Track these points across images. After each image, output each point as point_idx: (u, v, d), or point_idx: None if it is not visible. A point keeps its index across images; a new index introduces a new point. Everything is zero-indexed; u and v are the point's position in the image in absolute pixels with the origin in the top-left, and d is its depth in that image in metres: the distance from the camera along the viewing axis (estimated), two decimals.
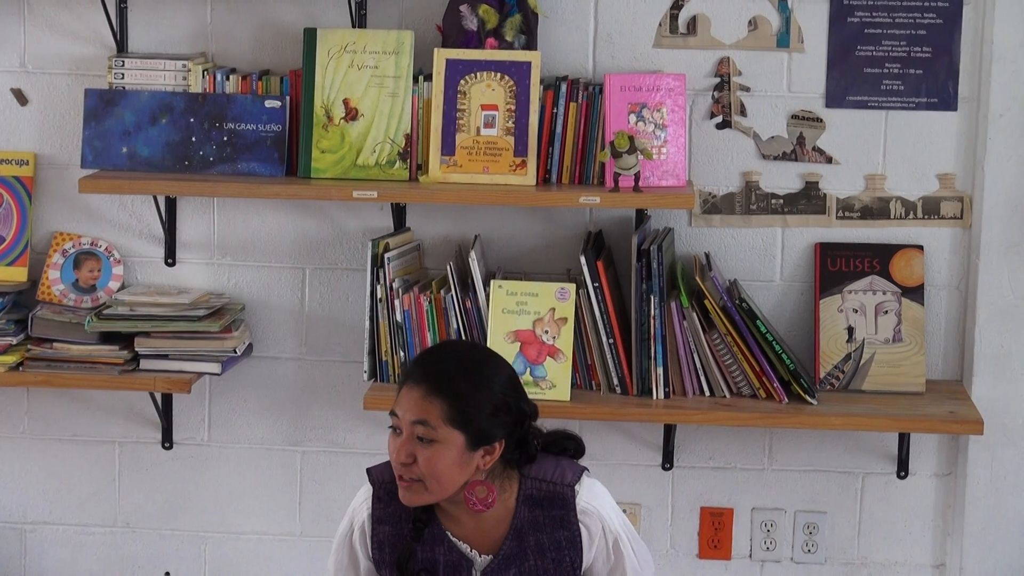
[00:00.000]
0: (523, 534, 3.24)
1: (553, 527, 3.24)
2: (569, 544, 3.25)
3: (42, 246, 4.53)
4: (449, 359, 3.23)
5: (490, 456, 3.18)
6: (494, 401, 3.16)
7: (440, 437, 3.13)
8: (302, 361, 4.56)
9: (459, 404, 3.13)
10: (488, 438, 3.16)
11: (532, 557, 3.24)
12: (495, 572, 3.24)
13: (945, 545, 4.53)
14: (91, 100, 4.36)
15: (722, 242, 4.45)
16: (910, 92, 4.35)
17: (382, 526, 3.28)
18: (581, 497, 3.25)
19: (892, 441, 4.45)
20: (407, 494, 3.19)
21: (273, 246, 4.53)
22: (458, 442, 3.14)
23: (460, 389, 3.14)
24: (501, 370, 3.23)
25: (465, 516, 3.24)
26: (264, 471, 4.63)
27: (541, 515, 3.24)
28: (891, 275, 4.38)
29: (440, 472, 3.14)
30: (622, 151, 4.17)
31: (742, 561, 4.57)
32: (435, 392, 3.13)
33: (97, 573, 4.70)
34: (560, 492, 3.24)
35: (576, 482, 3.25)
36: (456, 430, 3.13)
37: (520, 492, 3.25)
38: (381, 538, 3.28)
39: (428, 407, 3.13)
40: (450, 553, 3.25)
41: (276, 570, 4.64)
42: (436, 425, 3.13)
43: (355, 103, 4.31)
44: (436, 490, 3.17)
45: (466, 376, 3.17)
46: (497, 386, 3.18)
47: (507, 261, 4.45)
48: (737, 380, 4.25)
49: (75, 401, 4.61)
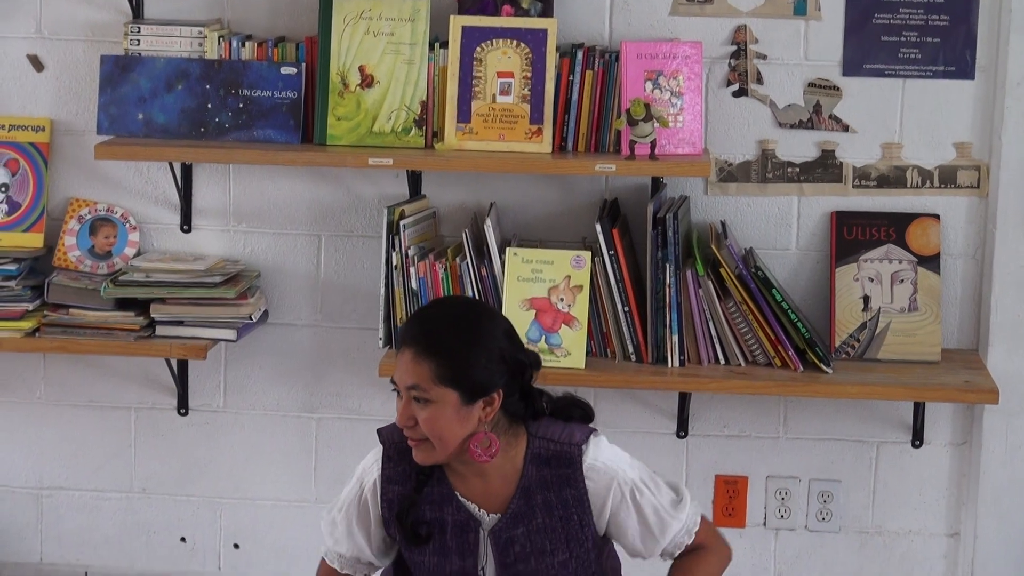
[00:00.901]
0: (531, 492, 3.25)
1: (560, 485, 3.25)
2: (576, 502, 3.25)
3: (58, 212, 4.54)
4: (436, 318, 3.24)
5: (490, 407, 3.19)
6: (486, 353, 3.17)
7: (434, 397, 3.15)
8: (317, 328, 4.57)
9: (447, 362, 3.15)
10: (484, 389, 3.17)
11: (540, 515, 3.25)
12: (503, 531, 3.25)
13: (959, 514, 4.53)
14: (107, 66, 4.36)
15: (738, 210, 4.45)
16: (927, 60, 4.34)
17: (392, 485, 3.29)
18: (588, 455, 3.25)
19: (907, 410, 4.45)
20: (419, 454, 3.21)
21: (289, 213, 4.53)
22: (452, 399, 3.16)
23: (447, 347, 3.16)
24: (492, 323, 3.23)
25: (473, 475, 3.26)
26: (279, 437, 4.64)
27: (549, 473, 3.25)
28: (907, 244, 4.37)
29: (440, 430, 3.16)
30: (638, 119, 4.16)
31: (756, 529, 4.58)
32: (422, 354, 3.15)
33: (113, 538, 4.72)
34: (567, 451, 3.25)
35: (584, 441, 3.26)
36: (448, 388, 3.15)
37: (528, 451, 3.26)
38: (391, 497, 3.29)
39: (417, 370, 3.15)
40: (458, 513, 3.26)
41: (291, 536, 4.66)
42: (428, 387, 3.15)
43: (371, 70, 4.30)
44: (441, 448, 3.18)
45: (454, 333, 3.18)
46: (487, 338, 3.19)
47: (522, 229, 4.45)
48: (752, 348, 4.25)
49: (91, 367, 4.62)
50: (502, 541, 3.25)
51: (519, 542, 3.25)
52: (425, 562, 3.29)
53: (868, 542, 4.56)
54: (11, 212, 4.50)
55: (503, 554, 3.26)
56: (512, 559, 3.25)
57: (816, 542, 4.57)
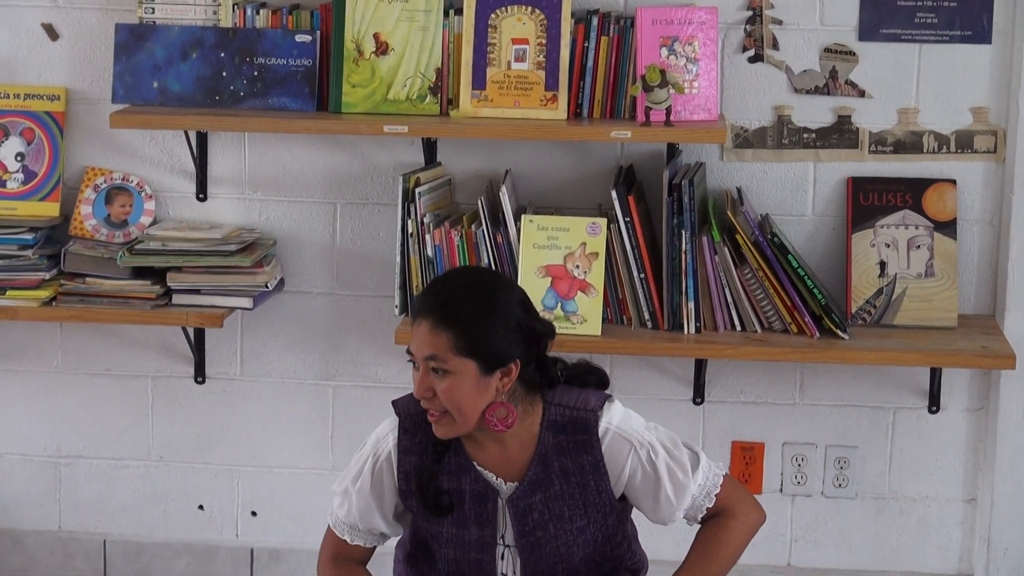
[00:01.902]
0: (548, 459, 3.25)
1: (577, 451, 3.25)
2: (593, 468, 3.26)
3: (74, 181, 4.54)
4: (453, 288, 3.23)
5: (508, 378, 3.19)
6: (503, 324, 3.17)
7: (453, 367, 3.15)
8: (333, 296, 4.57)
9: (466, 333, 3.14)
10: (502, 359, 3.17)
11: (557, 482, 3.26)
12: (521, 498, 3.26)
13: (976, 480, 4.53)
14: (121, 35, 4.36)
15: (754, 177, 4.44)
16: (944, 25, 4.32)
17: (408, 456, 3.29)
18: (603, 420, 3.26)
19: (924, 376, 4.45)
20: (439, 428, 3.21)
21: (304, 181, 4.53)
22: (471, 370, 3.15)
23: (465, 317, 3.15)
24: (508, 294, 3.23)
25: (491, 444, 3.26)
26: (296, 405, 4.65)
27: (565, 440, 3.25)
28: (924, 209, 4.36)
29: (460, 401, 3.16)
30: (653, 85, 4.15)
31: (773, 495, 4.58)
32: (440, 324, 3.15)
33: (131, 506, 4.73)
34: (583, 417, 3.25)
35: (599, 407, 3.26)
36: (467, 358, 3.15)
37: (544, 418, 3.26)
38: (407, 468, 3.29)
39: (435, 340, 3.15)
40: (476, 483, 3.26)
41: (308, 503, 4.67)
42: (446, 357, 3.14)
43: (386, 37, 4.30)
44: (461, 419, 3.18)
45: (471, 303, 3.17)
46: (504, 308, 3.19)
47: (538, 196, 4.45)
48: (768, 315, 4.25)
49: (108, 336, 4.63)
50: (520, 509, 3.26)
51: (537, 509, 3.26)
52: (443, 533, 3.29)
53: (884, 508, 4.57)
54: (27, 181, 4.50)
55: (522, 522, 3.26)
56: (531, 526, 3.26)
57: (832, 508, 4.58)
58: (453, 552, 3.30)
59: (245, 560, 4.72)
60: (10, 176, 4.50)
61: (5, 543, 4.76)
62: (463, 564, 3.30)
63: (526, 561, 3.29)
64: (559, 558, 3.29)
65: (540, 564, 3.28)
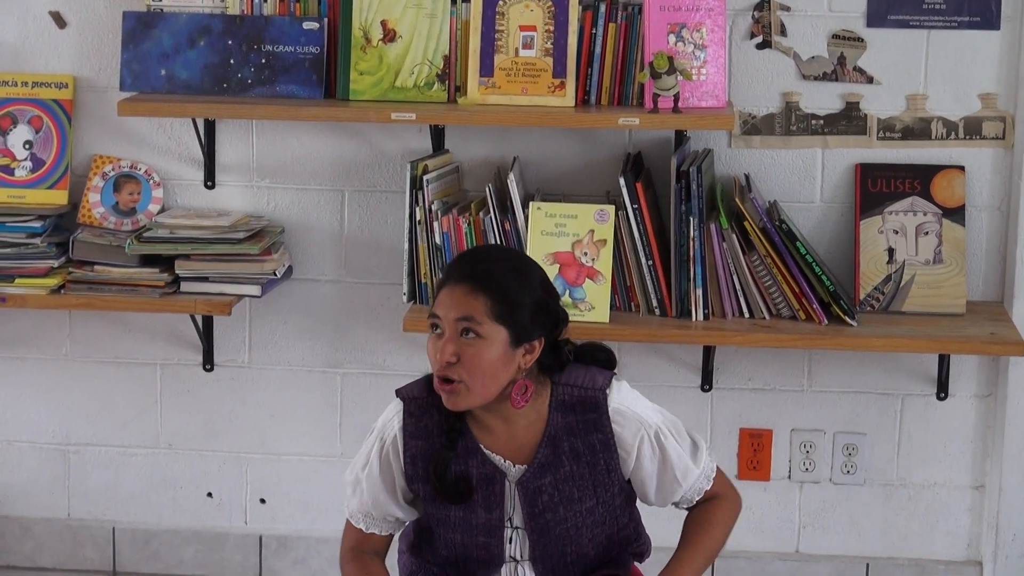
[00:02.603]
0: (557, 440, 3.25)
1: (587, 431, 3.25)
2: (603, 447, 3.26)
3: (82, 169, 4.55)
4: (488, 258, 3.24)
5: (530, 356, 3.19)
6: (535, 298, 3.18)
7: (486, 332, 3.14)
8: (341, 283, 4.58)
9: (504, 299, 3.14)
10: (528, 335, 3.17)
11: (567, 463, 3.25)
12: (531, 480, 3.25)
13: (984, 466, 4.53)
14: (129, 22, 4.36)
15: (762, 163, 4.44)
16: (952, 11, 4.31)
17: (414, 440, 3.29)
18: (612, 399, 3.26)
19: (932, 362, 4.45)
20: (451, 398, 3.18)
21: (312, 168, 4.53)
22: (502, 337, 3.14)
23: (504, 284, 3.15)
24: (538, 271, 3.25)
25: (498, 426, 3.25)
26: (304, 393, 4.65)
27: (574, 420, 3.25)
28: (932, 196, 4.36)
29: (484, 369, 3.14)
30: (661, 72, 4.15)
31: (781, 482, 4.58)
32: (480, 288, 3.14)
33: (139, 494, 4.74)
34: (592, 396, 3.26)
35: (607, 386, 3.26)
36: (501, 325, 3.14)
37: (552, 399, 3.26)
38: (414, 452, 3.29)
39: (473, 302, 3.13)
40: (483, 466, 3.26)
41: (317, 491, 4.68)
42: (482, 320, 3.13)
43: (393, 24, 4.30)
44: (478, 390, 3.16)
45: (508, 273, 3.18)
46: (537, 283, 3.21)
47: (546, 183, 4.45)
48: (776, 301, 4.25)
49: (116, 324, 4.64)
50: (530, 491, 3.26)
51: (547, 491, 3.26)
52: (450, 517, 3.29)
53: (893, 495, 4.57)
54: (35, 169, 4.51)
55: (531, 504, 3.26)
56: (540, 508, 3.26)
57: (841, 495, 4.58)
58: (460, 536, 3.29)
59: (254, 547, 4.73)
60: (18, 164, 4.51)
61: (14, 531, 4.77)
62: (470, 548, 3.30)
63: (535, 544, 3.29)
64: (568, 540, 3.29)
65: (549, 547, 3.29)
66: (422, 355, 4.51)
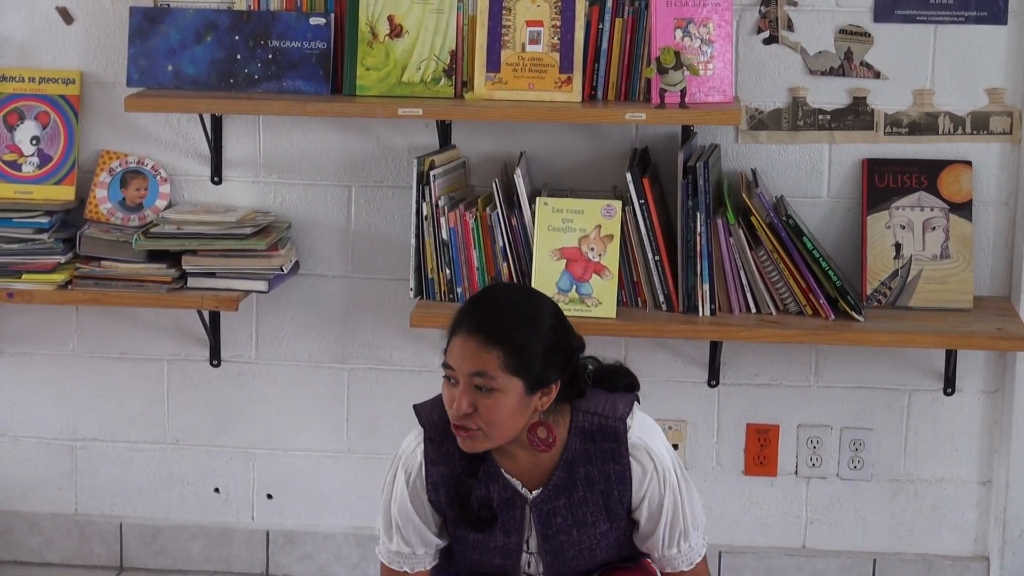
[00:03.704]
0: (574, 465, 3.24)
1: (604, 460, 3.25)
2: (619, 478, 3.25)
3: (89, 165, 4.55)
4: (499, 306, 3.20)
5: (547, 397, 3.18)
6: (547, 343, 3.16)
7: (499, 386, 3.12)
8: (348, 279, 4.58)
9: (515, 351, 3.12)
10: (544, 381, 3.16)
11: (581, 488, 3.25)
12: (545, 502, 3.25)
13: (992, 462, 4.53)
14: (136, 18, 4.37)
15: (769, 158, 4.43)
16: (959, 6, 4.31)
17: (436, 467, 3.28)
18: (633, 432, 3.25)
19: (939, 358, 4.44)
20: (468, 442, 3.18)
21: (319, 164, 4.53)
22: (517, 389, 3.14)
23: (515, 336, 3.13)
24: (548, 310, 3.22)
25: (519, 452, 3.25)
26: (311, 388, 4.65)
27: (593, 448, 3.25)
28: (939, 191, 4.35)
29: (501, 420, 3.14)
30: (668, 67, 4.15)
31: (788, 478, 4.58)
32: (491, 342, 3.12)
33: (147, 489, 4.74)
34: (612, 426, 3.25)
35: (628, 415, 3.25)
36: (515, 377, 3.13)
37: (572, 425, 3.25)
38: (435, 479, 3.28)
39: (486, 357, 3.12)
40: (504, 490, 3.26)
41: (324, 486, 4.68)
42: (495, 375, 3.12)
43: (400, 20, 4.30)
44: (496, 436, 3.17)
45: (519, 323, 3.15)
46: (548, 327, 3.18)
47: (553, 178, 4.45)
48: (783, 297, 4.25)
49: (124, 319, 4.64)
50: (544, 512, 3.26)
51: (560, 513, 3.25)
52: (469, 538, 3.29)
53: (900, 490, 4.56)
54: (42, 165, 4.51)
55: (545, 525, 3.26)
56: (554, 530, 3.26)
57: (848, 490, 4.57)
58: (478, 556, 3.30)
59: (261, 543, 4.73)
60: (25, 160, 4.51)
61: (22, 526, 4.77)
62: (486, 568, 3.31)
63: (549, 565, 3.29)
64: (582, 561, 3.29)
65: (563, 568, 3.30)
66: (429, 351, 4.54)
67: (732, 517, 4.58)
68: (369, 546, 4.66)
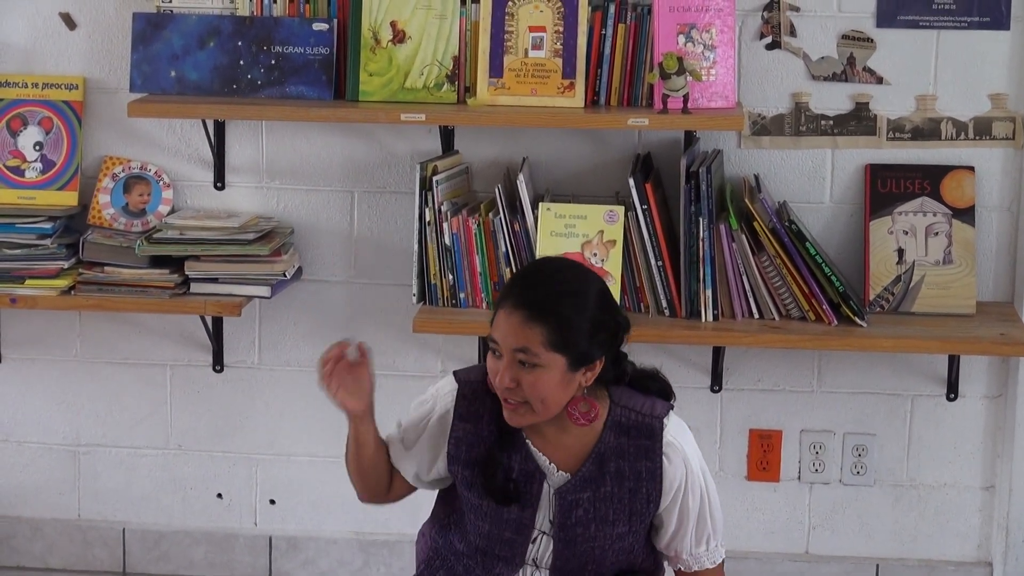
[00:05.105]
0: (605, 459, 3.24)
1: (637, 456, 3.24)
2: (649, 476, 3.24)
3: (92, 170, 4.55)
4: (545, 282, 3.19)
5: (591, 373, 3.18)
6: (592, 321, 3.15)
7: (542, 362, 3.12)
8: (351, 284, 4.58)
9: (559, 328, 3.11)
10: (588, 358, 3.16)
11: (610, 483, 3.24)
12: (570, 492, 3.24)
13: (995, 467, 4.52)
14: (139, 24, 4.37)
15: (771, 164, 4.44)
16: (962, 11, 4.31)
17: (463, 423, 3.28)
18: (669, 431, 3.25)
19: (942, 363, 4.44)
20: (514, 416, 3.18)
21: (321, 169, 4.53)
22: (560, 365, 3.13)
23: (559, 313, 3.12)
24: (595, 287, 3.20)
25: (551, 431, 3.25)
26: (314, 394, 4.61)
27: (627, 443, 3.24)
28: (942, 196, 4.35)
29: (545, 394, 3.14)
30: (671, 72, 4.15)
31: (791, 483, 4.58)
32: (535, 318, 3.11)
33: (149, 495, 4.74)
34: (649, 423, 3.24)
35: (665, 415, 3.26)
36: (557, 353, 3.12)
37: (609, 417, 3.25)
38: (459, 434, 3.28)
39: (528, 333, 3.11)
40: (526, 462, 3.25)
41: (326, 492, 4.68)
42: (538, 351, 3.11)
43: (403, 25, 4.30)
44: (542, 411, 3.16)
45: (564, 298, 3.14)
46: (593, 304, 3.16)
47: (555, 183, 4.45)
48: (786, 302, 4.25)
49: (126, 324, 4.64)
50: (567, 502, 3.25)
51: (583, 506, 3.24)
52: (483, 505, 3.28)
53: (903, 496, 4.56)
54: (45, 170, 4.51)
55: (565, 515, 3.25)
56: (573, 521, 3.25)
57: (851, 496, 4.57)
58: (488, 527, 3.28)
59: (263, 548, 4.73)
60: (29, 165, 4.51)
61: (25, 531, 4.77)
62: (494, 542, 3.29)
63: (559, 553, 3.28)
64: (591, 558, 3.28)
65: (572, 560, 3.28)
66: (431, 356, 4.54)
67: (735, 522, 4.58)
68: (371, 551, 4.67)
